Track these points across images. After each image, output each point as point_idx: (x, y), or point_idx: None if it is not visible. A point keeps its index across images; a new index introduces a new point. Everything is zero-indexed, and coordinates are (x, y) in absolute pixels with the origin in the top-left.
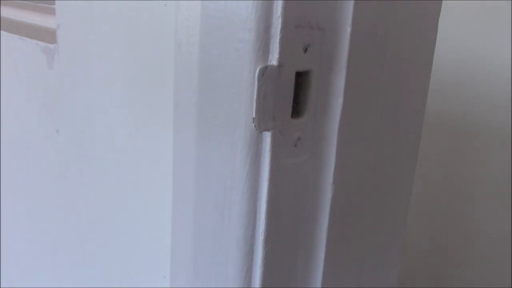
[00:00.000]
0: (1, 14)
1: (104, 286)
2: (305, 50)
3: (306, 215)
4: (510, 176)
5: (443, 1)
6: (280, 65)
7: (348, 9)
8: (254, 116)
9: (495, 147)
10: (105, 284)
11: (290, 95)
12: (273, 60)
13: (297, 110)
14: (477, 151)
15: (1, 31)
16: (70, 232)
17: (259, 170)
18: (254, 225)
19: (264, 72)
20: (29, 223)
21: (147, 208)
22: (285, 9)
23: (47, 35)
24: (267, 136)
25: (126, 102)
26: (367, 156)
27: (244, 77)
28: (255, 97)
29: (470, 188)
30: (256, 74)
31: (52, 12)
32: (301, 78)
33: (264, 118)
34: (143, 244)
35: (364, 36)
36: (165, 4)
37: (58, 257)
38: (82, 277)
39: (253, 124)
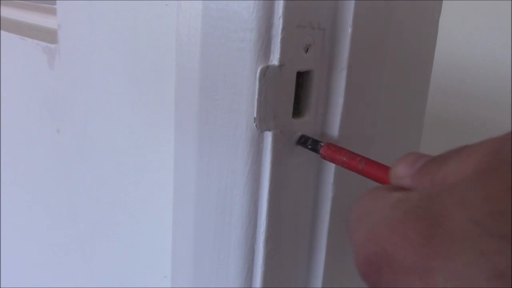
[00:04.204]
0: (2, 14)
1: (105, 286)
2: (306, 50)
3: (307, 215)
4: None
5: (443, 1)
6: (281, 65)
7: (349, 9)
8: (255, 116)
9: None
10: (106, 283)
11: (291, 95)
12: (274, 60)
13: (298, 110)
14: None
15: (2, 31)
16: (70, 232)
17: (260, 170)
18: (255, 225)
19: (266, 72)
20: (29, 223)
21: (148, 208)
22: (286, 9)
23: (48, 35)
24: (268, 136)
25: (127, 102)
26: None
27: (245, 77)
28: (256, 97)
29: None
30: (257, 74)
31: (53, 12)
32: (302, 78)
33: (265, 118)
34: (144, 244)
35: (365, 36)
36: (166, 4)
37: (58, 256)
38: (82, 277)
39: (254, 124)
